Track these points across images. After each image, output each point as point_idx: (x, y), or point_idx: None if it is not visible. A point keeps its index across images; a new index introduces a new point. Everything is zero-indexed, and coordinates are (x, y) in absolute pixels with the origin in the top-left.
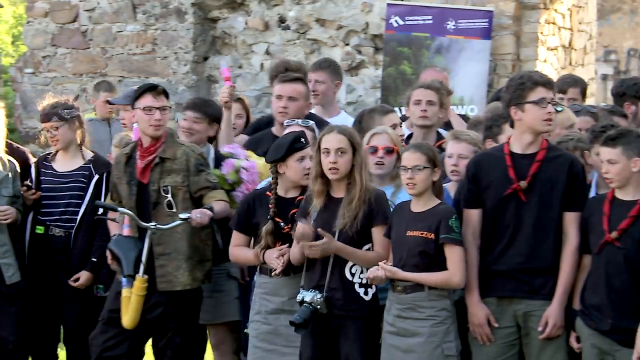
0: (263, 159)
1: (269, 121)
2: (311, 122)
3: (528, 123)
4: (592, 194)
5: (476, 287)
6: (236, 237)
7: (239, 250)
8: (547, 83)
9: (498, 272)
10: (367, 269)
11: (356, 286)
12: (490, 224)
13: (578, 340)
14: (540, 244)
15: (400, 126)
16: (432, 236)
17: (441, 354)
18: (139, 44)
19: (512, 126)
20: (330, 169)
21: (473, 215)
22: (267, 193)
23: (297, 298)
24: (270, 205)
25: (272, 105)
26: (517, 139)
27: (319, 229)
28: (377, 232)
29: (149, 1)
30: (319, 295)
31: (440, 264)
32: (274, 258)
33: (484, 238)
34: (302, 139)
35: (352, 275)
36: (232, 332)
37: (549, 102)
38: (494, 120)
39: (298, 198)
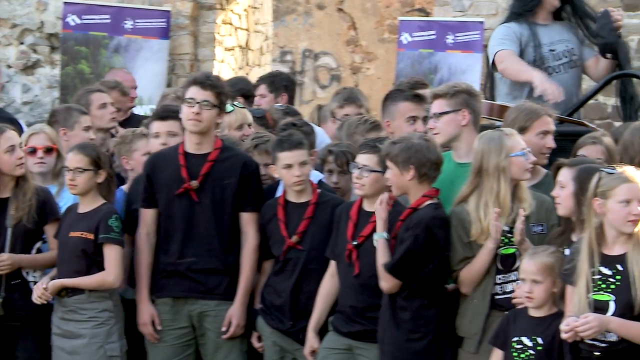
0: None
1: None
2: None
3: (183, 121)
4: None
5: (145, 286)
6: None
7: None
8: (201, 83)
9: (173, 272)
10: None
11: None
12: (165, 224)
13: (259, 339)
14: (214, 243)
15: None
16: (92, 236)
17: (104, 355)
18: None
19: None
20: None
21: (147, 215)
22: None
23: None
24: None
25: None
26: (189, 139)
27: None
28: (50, 230)
29: None
30: None
31: (99, 265)
32: None
33: (159, 238)
34: None
35: (30, 275)
36: None
37: (198, 103)
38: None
39: None
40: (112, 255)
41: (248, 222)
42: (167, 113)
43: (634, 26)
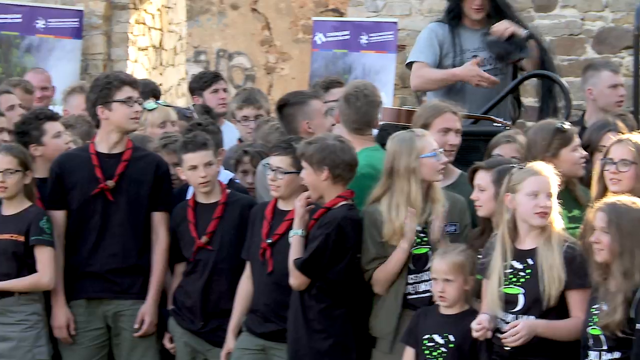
0: None
1: None
2: None
3: (116, 122)
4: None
5: (61, 289)
6: None
7: None
8: (133, 82)
9: (87, 273)
10: None
11: None
12: (77, 225)
13: (171, 340)
14: (129, 243)
15: None
16: (22, 238)
17: (32, 359)
18: None
19: (97, 126)
20: None
21: (58, 217)
22: None
23: None
24: None
25: None
26: (103, 139)
27: None
28: None
29: None
30: None
31: (30, 267)
32: None
33: (71, 239)
34: None
35: None
36: None
37: (135, 101)
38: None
39: None
40: (44, 256)
41: (159, 221)
42: (55, 114)
43: (545, 27)
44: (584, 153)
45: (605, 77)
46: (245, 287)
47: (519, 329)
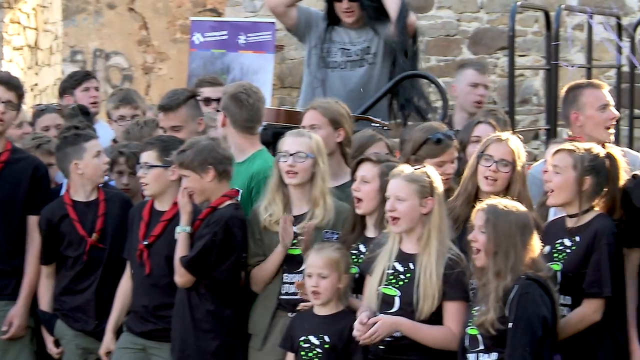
0: None
1: None
2: None
3: None
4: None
5: None
6: None
7: None
8: (5, 82)
9: None
10: None
11: None
12: None
13: (57, 344)
14: (2, 245)
15: None
16: None
17: None
18: None
19: None
20: None
21: None
22: None
23: None
24: None
25: None
26: None
27: None
28: None
29: None
30: None
31: None
32: None
33: None
34: None
35: None
36: None
37: (3, 102)
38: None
39: None
40: None
41: (35, 224)
42: None
43: (422, 27)
44: (452, 170)
45: (467, 75)
46: (125, 285)
47: (376, 328)
